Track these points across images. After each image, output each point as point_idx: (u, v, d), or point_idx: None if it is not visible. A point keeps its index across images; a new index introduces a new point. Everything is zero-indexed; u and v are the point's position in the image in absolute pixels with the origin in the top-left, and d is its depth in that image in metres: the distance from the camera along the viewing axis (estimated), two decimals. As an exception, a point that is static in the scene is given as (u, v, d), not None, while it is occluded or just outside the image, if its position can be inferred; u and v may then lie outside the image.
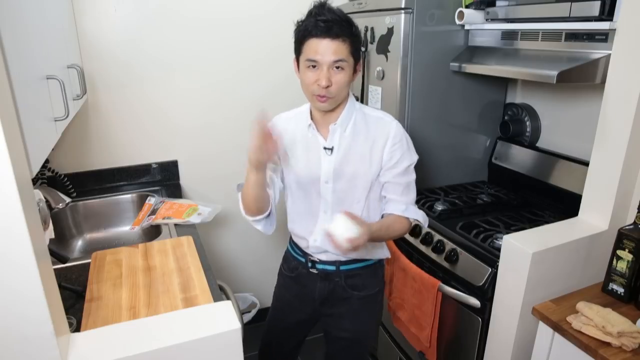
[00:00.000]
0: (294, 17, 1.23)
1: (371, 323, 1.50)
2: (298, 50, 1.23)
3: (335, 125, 1.28)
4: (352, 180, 1.29)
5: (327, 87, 1.18)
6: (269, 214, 1.34)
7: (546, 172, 1.80)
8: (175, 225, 1.72)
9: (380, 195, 1.34)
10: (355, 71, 1.24)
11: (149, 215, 1.78)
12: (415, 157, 1.32)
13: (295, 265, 1.45)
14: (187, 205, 1.82)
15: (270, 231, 1.37)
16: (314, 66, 1.18)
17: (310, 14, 1.18)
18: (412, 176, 1.33)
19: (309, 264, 1.40)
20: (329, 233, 1.13)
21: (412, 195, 1.34)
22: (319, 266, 1.39)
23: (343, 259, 1.37)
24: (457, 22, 1.79)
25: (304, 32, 1.18)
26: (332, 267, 1.38)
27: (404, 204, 1.32)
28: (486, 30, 1.77)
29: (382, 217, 1.36)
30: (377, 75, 1.91)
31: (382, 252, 1.42)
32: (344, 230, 1.10)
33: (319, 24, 1.14)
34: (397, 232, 1.33)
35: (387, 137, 1.27)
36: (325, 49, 1.15)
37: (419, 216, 1.34)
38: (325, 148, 1.29)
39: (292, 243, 1.47)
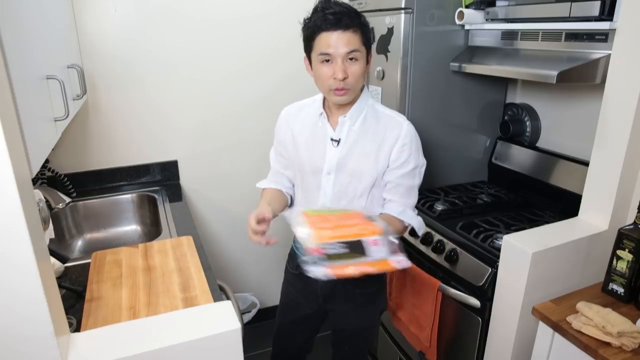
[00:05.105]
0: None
1: (376, 313, 1.49)
2: (309, 47, 1.22)
3: (345, 118, 1.28)
4: (354, 174, 1.29)
5: (344, 79, 1.18)
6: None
7: (546, 172, 1.80)
8: (175, 225, 1.72)
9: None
10: (367, 61, 1.23)
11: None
12: (422, 160, 1.32)
13: (298, 263, 1.45)
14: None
15: None
16: (327, 60, 1.18)
17: (316, 9, 1.18)
18: (417, 180, 1.32)
19: None
20: None
21: (413, 199, 1.34)
22: None
23: None
24: (457, 22, 1.79)
25: (313, 28, 1.18)
26: None
27: (403, 206, 1.32)
28: (486, 30, 1.77)
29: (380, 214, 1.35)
30: (377, 75, 1.91)
31: None
32: None
33: (327, 17, 1.15)
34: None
35: (398, 136, 1.26)
36: (337, 41, 1.16)
37: (415, 222, 1.34)
38: (332, 139, 1.29)
39: (296, 240, 1.47)
